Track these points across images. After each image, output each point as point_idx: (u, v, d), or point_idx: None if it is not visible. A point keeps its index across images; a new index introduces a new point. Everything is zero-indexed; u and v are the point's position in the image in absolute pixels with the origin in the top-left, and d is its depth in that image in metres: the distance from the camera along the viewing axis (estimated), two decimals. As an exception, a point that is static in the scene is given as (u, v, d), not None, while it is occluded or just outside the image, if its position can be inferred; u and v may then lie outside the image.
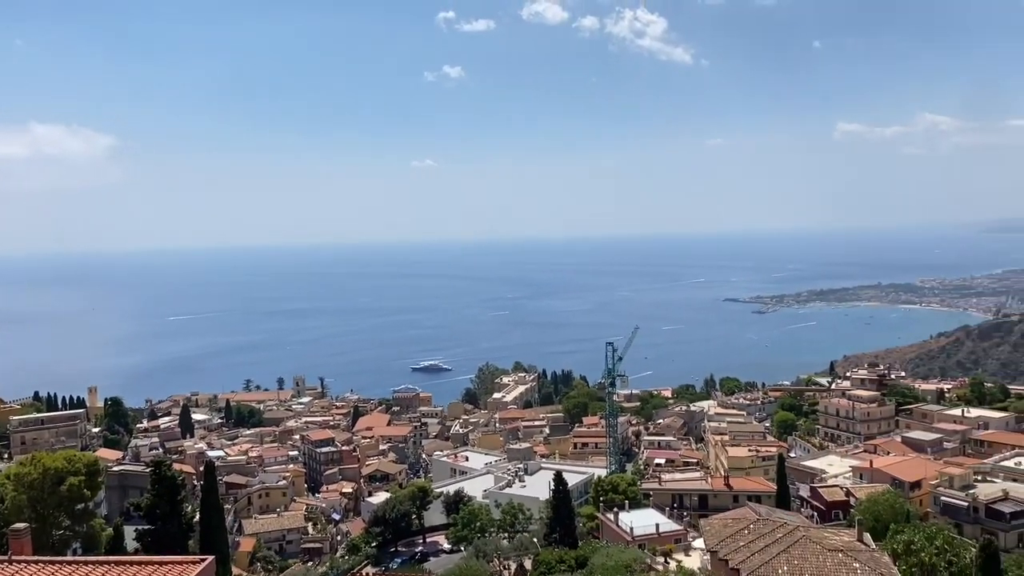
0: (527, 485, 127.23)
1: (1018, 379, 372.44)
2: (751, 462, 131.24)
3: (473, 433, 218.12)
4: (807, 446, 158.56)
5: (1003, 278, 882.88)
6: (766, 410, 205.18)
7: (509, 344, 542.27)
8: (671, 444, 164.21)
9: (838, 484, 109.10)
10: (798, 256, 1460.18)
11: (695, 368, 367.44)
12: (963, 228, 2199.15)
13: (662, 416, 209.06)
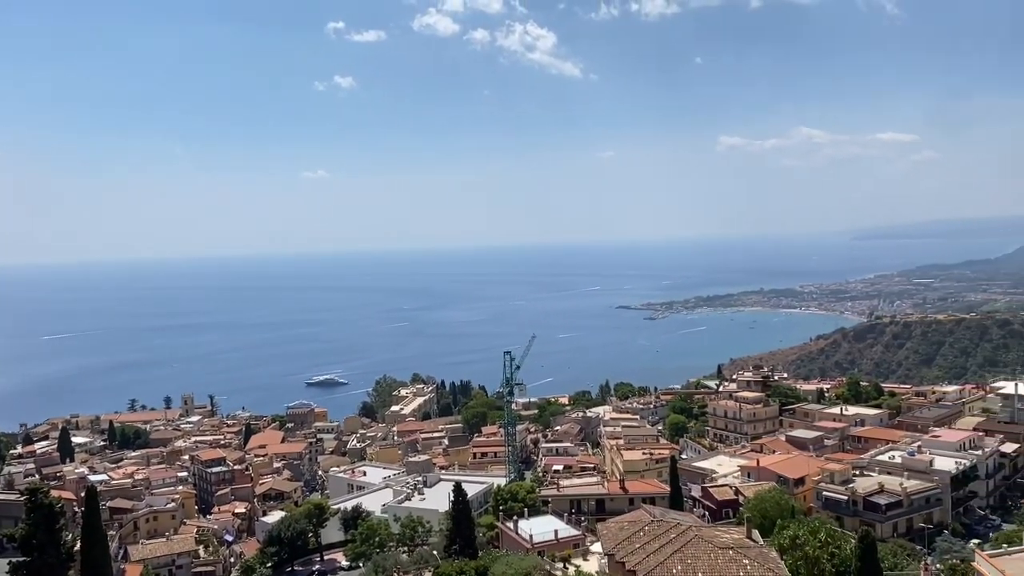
0: (426, 498, 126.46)
1: (890, 377, 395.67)
2: (645, 465, 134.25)
3: (371, 447, 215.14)
4: (698, 447, 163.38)
5: (875, 282, 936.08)
6: (659, 413, 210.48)
7: (407, 356, 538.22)
8: (568, 450, 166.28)
9: (727, 483, 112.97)
10: (686, 264, 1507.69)
11: (591, 374, 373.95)
12: (837, 236, 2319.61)
13: (560, 423, 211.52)
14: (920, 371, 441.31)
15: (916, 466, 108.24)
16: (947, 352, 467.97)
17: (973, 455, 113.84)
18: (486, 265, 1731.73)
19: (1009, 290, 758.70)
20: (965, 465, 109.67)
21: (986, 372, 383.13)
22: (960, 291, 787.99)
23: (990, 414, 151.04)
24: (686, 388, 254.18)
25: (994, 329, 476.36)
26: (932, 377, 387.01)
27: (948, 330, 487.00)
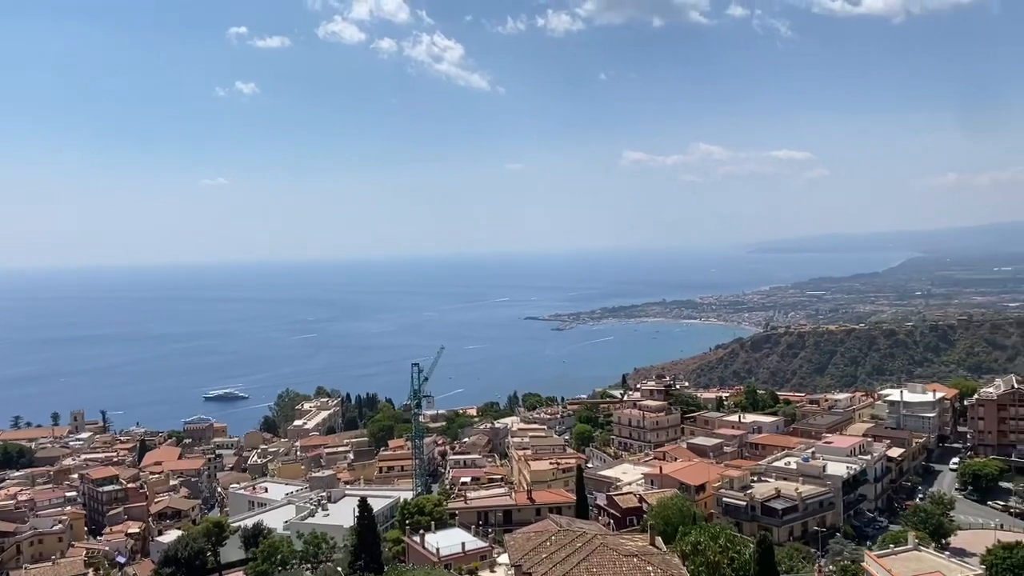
0: (331, 513, 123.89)
1: (785, 385, 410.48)
2: (552, 475, 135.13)
3: (273, 463, 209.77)
4: (604, 456, 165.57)
5: (770, 294, 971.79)
6: (566, 423, 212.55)
7: (312, 368, 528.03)
8: (476, 462, 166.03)
9: (632, 491, 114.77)
10: (592, 275, 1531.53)
11: (500, 385, 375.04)
12: (736, 248, 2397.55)
13: (468, 434, 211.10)
14: (813, 379, 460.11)
15: (810, 471, 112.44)
16: (838, 361, 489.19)
17: (863, 460, 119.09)
18: (394, 276, 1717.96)
19: (895, 302, 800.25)
20: (855, 470, 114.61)
21: (874, 380, 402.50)
22: (850, 303, 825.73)
23: (878, 420, 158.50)
24: (592, 398, 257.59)
25: (881, 339, 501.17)
26: (824, 385, 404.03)
27: (839, 340, 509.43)
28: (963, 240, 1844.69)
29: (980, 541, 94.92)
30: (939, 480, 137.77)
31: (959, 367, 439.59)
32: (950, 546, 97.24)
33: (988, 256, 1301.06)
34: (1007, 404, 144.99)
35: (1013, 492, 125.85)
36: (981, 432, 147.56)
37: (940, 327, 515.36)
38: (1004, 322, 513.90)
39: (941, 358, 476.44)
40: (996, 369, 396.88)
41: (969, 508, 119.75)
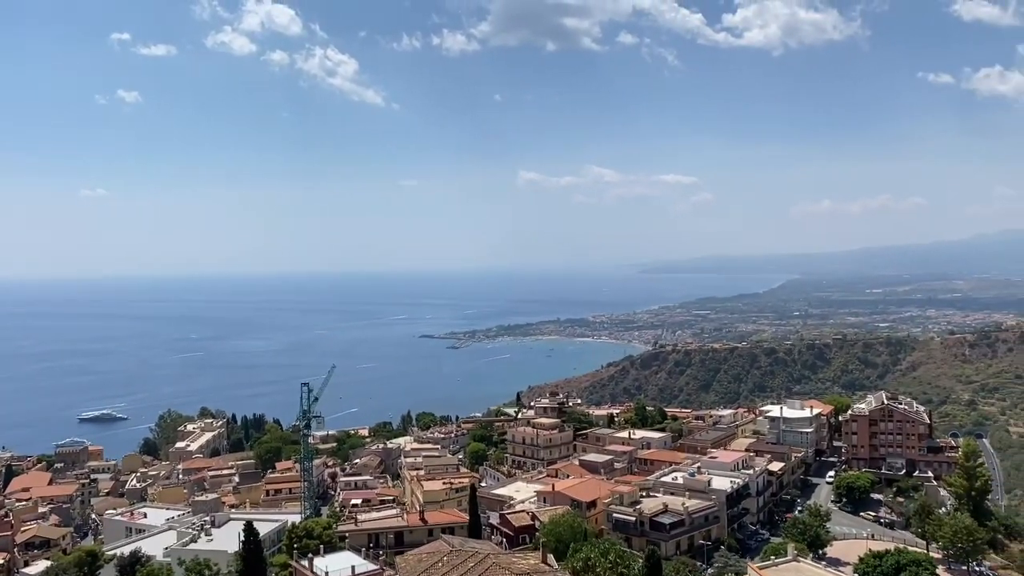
0: (214, 539, 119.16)
1: (673, 402, 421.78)
2: (446, 495, 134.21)
3: (153, 487, 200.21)
4: (497, 475, 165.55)
5: (659, 313, 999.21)
6: (460, 442, 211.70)
7: (195, 388, 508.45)
8: (368, 483, 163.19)
9: (525, 509, 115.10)
10: (488, 294, 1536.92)
11: (393, 405, 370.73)
12: (627, 269, 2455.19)
13: (359, 455, 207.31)
14: (699, 396, 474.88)
15: (696, 486, 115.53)
16: (722, 378, 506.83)
17: (745, 474, 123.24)
18: (285, 292, 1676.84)
19: (775, 321, 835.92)
20: (739, 484, 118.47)
21: (756, 396, 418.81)
22: (733, 322, 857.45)
23: (759, 436, 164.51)
24: (487, 416, 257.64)
25: (762, 357, 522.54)
26: (710, 401, 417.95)
27: (723, 358, 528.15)
28: (838, 263, 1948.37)
29: (853, 550, 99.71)
30: (816, 493, 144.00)
31: (834, 384, 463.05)
32: (826, 556, 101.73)
33: (860, 279, 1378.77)
34: (878, 420, 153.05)
35: (883, 503, 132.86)
36: (854, 446, 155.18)
37: (817, 346, 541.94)
38: (875, 341, 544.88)
39: (818, 375, 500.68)
40: (868, 386, 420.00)
41: (844, 519, 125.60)
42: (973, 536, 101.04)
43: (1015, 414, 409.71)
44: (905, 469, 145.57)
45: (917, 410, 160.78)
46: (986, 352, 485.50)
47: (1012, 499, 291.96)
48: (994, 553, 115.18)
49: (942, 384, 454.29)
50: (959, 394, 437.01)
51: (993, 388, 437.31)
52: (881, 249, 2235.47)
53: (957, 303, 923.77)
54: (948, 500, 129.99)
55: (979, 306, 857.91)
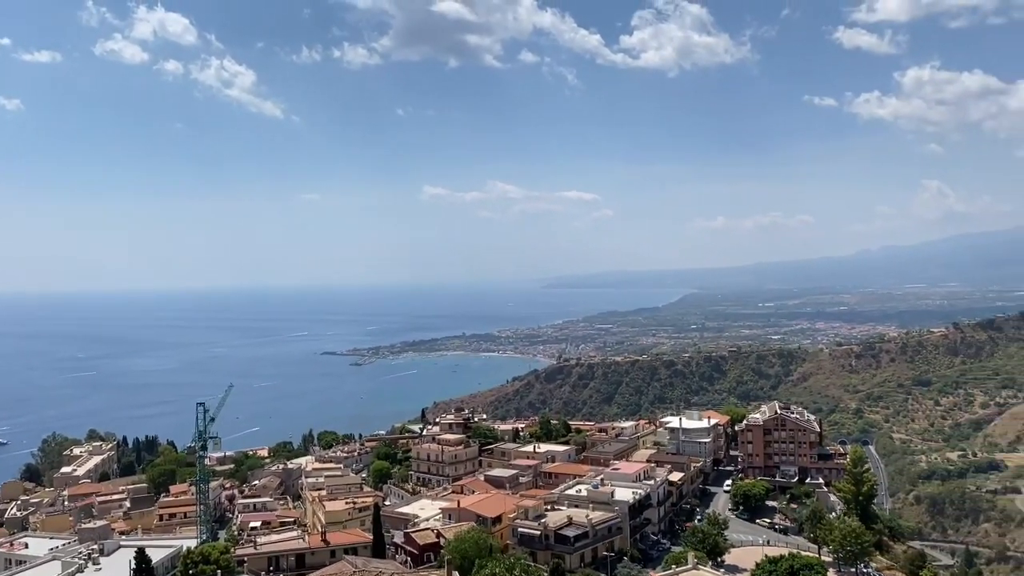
0: (103, 568, 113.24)
1: (577, 415, 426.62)
2: (348, 515, 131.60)
3: (35, 515, 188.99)
4: (402, 493, 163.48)
5: (563, 327, 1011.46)
6: (363, 461, 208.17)
7: (83, 410, 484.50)
8: (267, 505, 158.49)
9: (429, 527, 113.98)
10: (392, 309, 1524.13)
11: (294, 424, 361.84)
12: (531, 283, 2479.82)
13: (258, 477, 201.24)
14: (602, 408, 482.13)
15: (600, 498, 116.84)
16: (624, 390, 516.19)
17: (647, 485, 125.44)
18: (182, 309, 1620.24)
19: (673, 335, 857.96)
20: (641, 495, 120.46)
21: (656, 408, 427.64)
22: (634, 335, 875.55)
23: (660, 446, 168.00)
24: (391, 434, 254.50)
25: (662, 369, 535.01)
26: (612, 414, 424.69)
27: (625, 370, 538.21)
28: (732, 278, 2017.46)
29: (750, 557, 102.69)
30: (715, 501, 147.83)
31: (730, 395, 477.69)
32: (725, 563, 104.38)
33: (754, 293, 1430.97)
34: (771, 428, 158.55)
35: (777, 510, 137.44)
36: (750, 455, 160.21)
37: (713, 358, 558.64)
38: (768, 353, 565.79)
39: (714, 386, 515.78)
40: (762, 396, 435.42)
41: (741, 527, 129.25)
42: (861, 539, 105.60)
43: (897, 421, 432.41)
44: (798, 476, 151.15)
45: (808, 419, 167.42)
46: (871, 363, 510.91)
47: (896, 502, 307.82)
48: (880, 554, 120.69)
49: (831, 393, 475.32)
50: (847, 403, 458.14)
51: (878, 397, 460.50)
52: (773, 264, 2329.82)
53: (844, 316, 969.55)
54: (838, 505, 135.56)
55: (864, 319, 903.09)
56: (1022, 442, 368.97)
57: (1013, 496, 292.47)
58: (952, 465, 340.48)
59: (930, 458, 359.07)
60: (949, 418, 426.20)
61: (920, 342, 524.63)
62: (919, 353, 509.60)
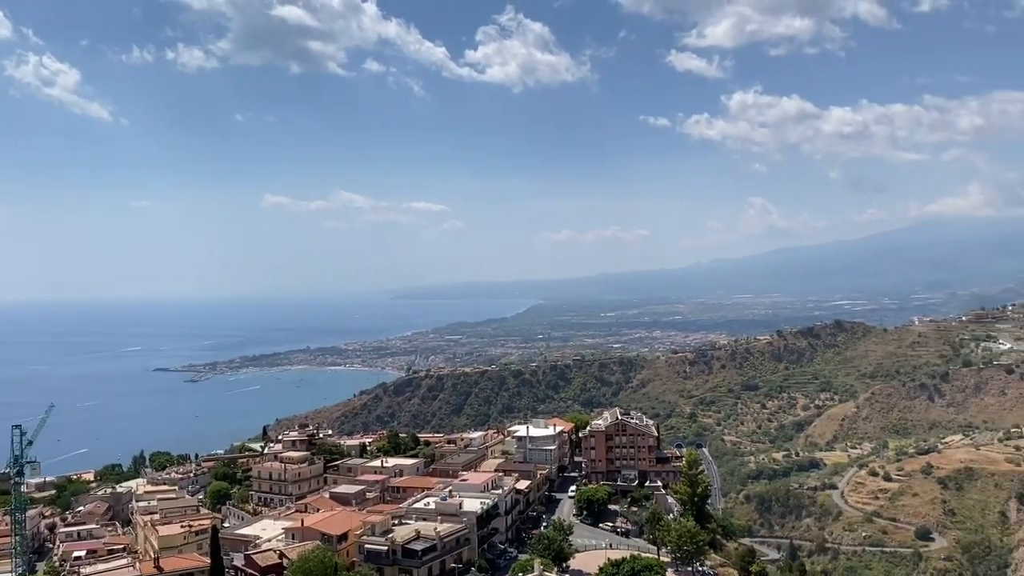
0: None
1: (426, 427, 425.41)
2: (184, 539, 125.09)
3: None
4: (242, 514, 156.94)
5: (412, 339, 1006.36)
6: (200, 482, 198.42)
7: None
8: (94, 532, 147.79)
9: (272, 548, 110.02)
10: (231, 323, 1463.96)
11: (124, 445, 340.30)
12: (379, 295, 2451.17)
13: (83, 503, 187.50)
14: (452, 419, 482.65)
15: (448, 510, 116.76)
16: (473, 401, 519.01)
17: (495, 494, 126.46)
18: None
19: (520, 344, 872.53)
20: (488, 504, 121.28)
21: (504, 417, 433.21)
22: (483, 346, 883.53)
23: (508, 455, 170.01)
24: (230, 452, 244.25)
25: (510, 379, 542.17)
26: (461, 425, 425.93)
27: (474, 381, 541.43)
28: (576, 289, 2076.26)
29: (594, 561, 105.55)
30: (560, 508, 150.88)
31: (575, 402, 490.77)
32: (570, 568, 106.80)
33: (596, 303, 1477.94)
34: (613, 434, 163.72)
35: (619, 513, 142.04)
36: (593, 460, 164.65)
37: (559, 367, 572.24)
38: (609, 361, 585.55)
39: (560, 394, 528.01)
40: (604, 402, 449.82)
41: (585, 531, 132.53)
42: (696, 538, 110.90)
43: (728, 424, 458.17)
44: (638, 480, 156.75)
45: (647, 424, 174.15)
46: (703, 369, 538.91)
47: (728, 502, 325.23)
48: (714, 553, 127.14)
49: (668, 399, 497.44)
50: (682, 407, 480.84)
51: (710, 401, 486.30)
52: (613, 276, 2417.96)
53: (679, 325, 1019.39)
54: (675, 506, 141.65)
55: (697, 327, 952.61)
56: (838, 441, 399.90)
57: (830, 492, 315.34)
58: (777, 465, 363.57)
59: (758, 459, 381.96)
60: (774, 420, 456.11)
61: (748, 349, 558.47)
62: (747, 360, 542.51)
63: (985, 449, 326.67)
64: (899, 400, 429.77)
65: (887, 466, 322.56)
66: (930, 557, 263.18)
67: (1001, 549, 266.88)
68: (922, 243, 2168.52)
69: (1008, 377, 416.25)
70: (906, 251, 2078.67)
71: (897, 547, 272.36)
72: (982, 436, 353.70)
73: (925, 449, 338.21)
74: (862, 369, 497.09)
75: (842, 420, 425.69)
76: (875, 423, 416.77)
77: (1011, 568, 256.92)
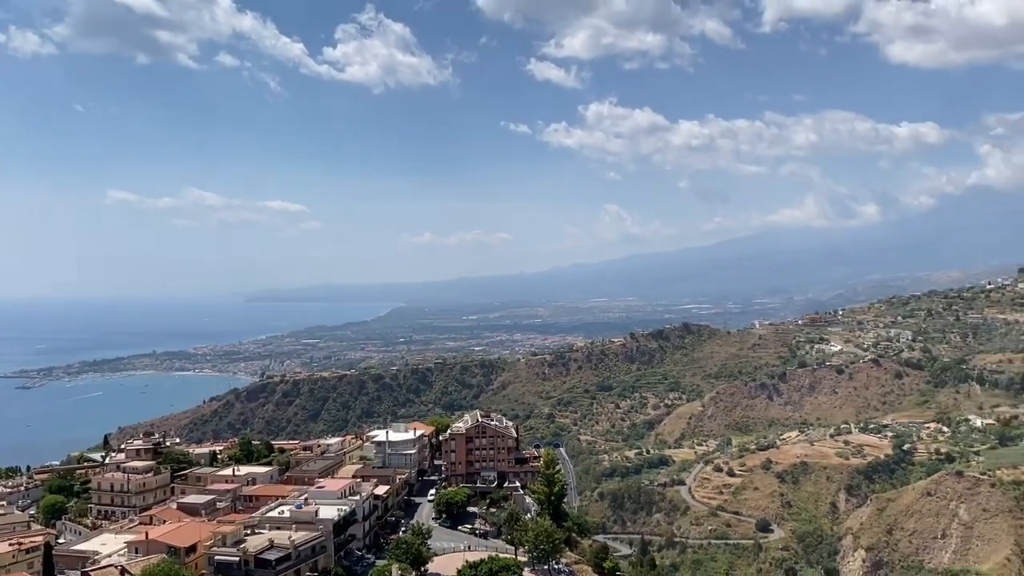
0: None
1: (281, 434, 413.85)
2: (13, 557, 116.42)
3: None
4: (79, 529, 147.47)
5: (267, 343, 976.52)
6: (32, 496, 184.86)
7: None
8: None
9: (112, 564, 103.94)
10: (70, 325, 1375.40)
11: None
12: (232, 297, 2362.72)
13: None
14: (308, 426, 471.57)
15: (303, 518, 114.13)
16: (331, 406, 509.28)
17: (352, 501, 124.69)
18: None
19: (381, 348, 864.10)
20: (346, 511, 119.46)
21: (363, 422, 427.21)
22: (342, 350, 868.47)
23: (367, 461, 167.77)
24: (67, 464, 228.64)
25: (370, 383, 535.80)
26: (318, 431, 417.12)
27: (332, 386, 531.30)
28: (438, 292, 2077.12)
29: (453, 563, 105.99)
30: (419, 511, 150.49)
31: (436, 405, 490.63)
32: (428, 572, 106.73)
33: (458, 306, 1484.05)
34: (473, 437, 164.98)
35: (478, 515, 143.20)
36: (453, 463, 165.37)
37: (420, 370, 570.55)
38: (471, 364, 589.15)
39: (421, 398, 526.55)
40: (465, 405, 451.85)
41: (444, 534, 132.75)
42: (552, 537, 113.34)
43: (584, 424, 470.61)
44: (497, 481, 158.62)
45: (507, 426, 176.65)
46: (561, 370, 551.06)
47: (583, 500, 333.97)
48: (570, 551, 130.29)
49: (527, 400, 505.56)
50: (541, 408, 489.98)
51: (568, 402, 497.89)
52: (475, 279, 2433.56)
53: (538, 328, 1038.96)
54: (533, 506, 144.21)
55: (556, 330, 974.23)
56: (686, 439, 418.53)
57: (679, 488, 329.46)
58: (630, 463, 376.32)
59: (612, 457, 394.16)
60: (627, 420, 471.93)
61: (603, 351, 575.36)
62: (602, 361, 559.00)
63: (818, 444, 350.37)
64: (741, 399, 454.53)
65: (730, 462, 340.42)
66: (769, 547, 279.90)
67: (831, 537, 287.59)
68: (763, 251, 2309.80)
69: (838, 377, 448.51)
70: (748, 258, 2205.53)
71: (740, 539, 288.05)
72: (815, 432, 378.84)
73: (765, 445, 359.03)
74: (708, 370, 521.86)
75: (689, 418, 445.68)
76: (719, 421, 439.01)
77: (839, 554, 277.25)
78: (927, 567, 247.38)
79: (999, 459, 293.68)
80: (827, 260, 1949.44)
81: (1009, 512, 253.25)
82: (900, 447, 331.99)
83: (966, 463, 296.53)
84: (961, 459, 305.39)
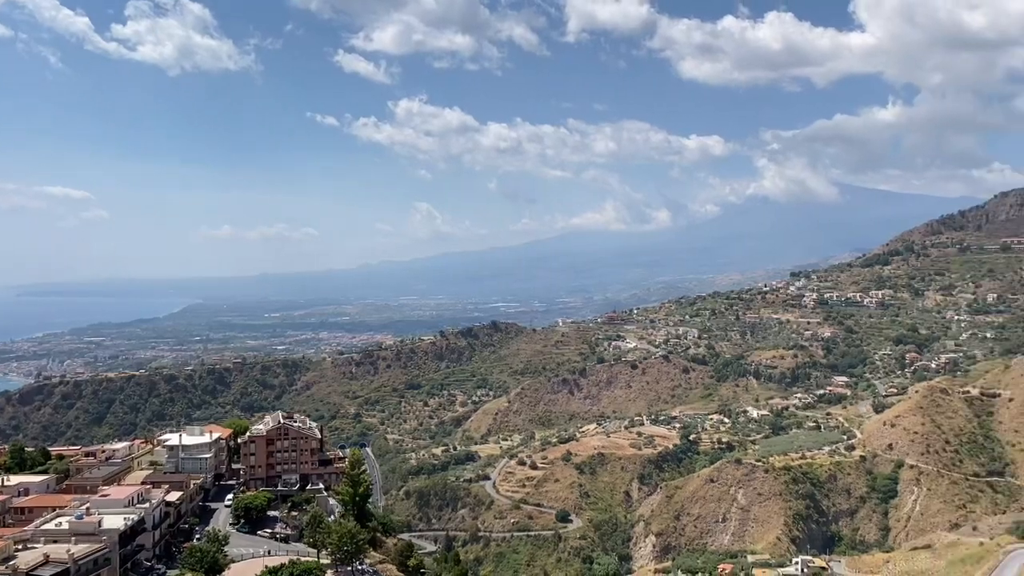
0: None
1: (60, 440, 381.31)
2: None
3: None
4: None
5: (44, 341, 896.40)
6: None
7: None
8: None
9: None
10: None
11: None
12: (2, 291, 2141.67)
13: None
14: (91, 430, 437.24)
15: (85, 529, 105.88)
16: (117, 409, 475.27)
17: (141, 509, 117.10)
18: None
19: (175, 347, 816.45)
20: (133, 520, 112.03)
21: (155, 426, 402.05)
22: (131, 349, 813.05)
23: (157, 467, 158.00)
24: None
25: (162, 384, 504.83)
26: (103, 436, 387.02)
27: (119, 387, 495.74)
28: (238, 288, 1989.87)
29: (251, 570, 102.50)
30: (216, 517, 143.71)
31: (234, 407, 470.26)
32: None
33: (260, 304, 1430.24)
34: (274, 439, 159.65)
35: (279, 519, 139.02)
36: (253, 467, 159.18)
37: (217, 370, 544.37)
38: (273, 363, 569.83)
39: (218, 400, 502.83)
40: (266, 407, 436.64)
41: (243, 540, 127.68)
42: (356, 538, 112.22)
43: (392, 423, 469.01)
44: (299, 484, 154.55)
45: (311, 426, 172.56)
46: (369, 369, 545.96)
47: (389, 499, 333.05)
48: (374, 550, 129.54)
49: (333, 400, 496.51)
50: (347, 408, 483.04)
51: (375, 401, 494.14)
52: (279, 276, 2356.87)
53: (346, 326, 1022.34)
54: (337, 508, 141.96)
55: (364, 328, 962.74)
56: (492, 434, 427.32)
57: (484, 483, 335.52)
58: (437, 459, 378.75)
59: (419, 455, 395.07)
60: (436, 417, 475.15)
61: (412, 349, 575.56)
62: (411, 359, 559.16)
63: (614, 436, 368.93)
64: (545, 394, 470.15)
65: (533, 455, 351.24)
66: (568, 537, 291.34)
67: (625, 525, 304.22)
68: (566, 252, 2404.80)
69: (632, 372, 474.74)
70: (553, 259, 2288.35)
71: (541, 530, 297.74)
72: (612, 425, 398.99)
73: (566, 438, 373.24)
74: (514, 366, 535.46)
75: (496, 414, 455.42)
76: (524, 416, 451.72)
77: (632, 541, 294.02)
78: (709, 549, 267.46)
79: (771, 447, 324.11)
80: (623, 262, 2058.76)
81: (779, 495, 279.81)
82: (687, 437, 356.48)
83: (744, 451, 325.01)
84: (740, 447, 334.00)
